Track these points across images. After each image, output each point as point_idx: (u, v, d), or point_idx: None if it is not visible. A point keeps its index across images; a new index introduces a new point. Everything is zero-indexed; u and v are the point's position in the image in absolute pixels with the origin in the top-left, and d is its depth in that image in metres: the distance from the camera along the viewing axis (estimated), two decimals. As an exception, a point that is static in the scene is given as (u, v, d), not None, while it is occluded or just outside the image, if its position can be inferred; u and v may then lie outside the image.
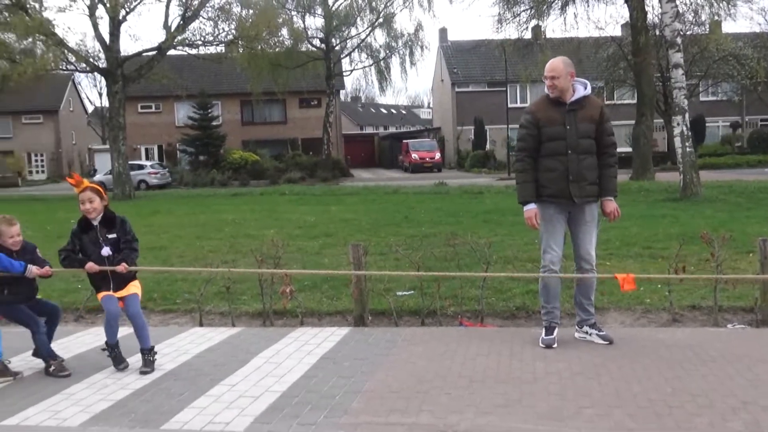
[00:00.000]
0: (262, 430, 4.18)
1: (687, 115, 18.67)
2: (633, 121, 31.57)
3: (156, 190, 37.99)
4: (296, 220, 16.69)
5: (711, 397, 4.43)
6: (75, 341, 6.53)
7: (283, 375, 5.21)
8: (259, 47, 35.38)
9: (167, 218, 18.75)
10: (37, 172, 60.19)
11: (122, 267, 5.53)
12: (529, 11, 32.57)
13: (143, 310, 7.67)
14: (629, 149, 34.87)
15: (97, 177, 41.86)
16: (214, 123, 46.56)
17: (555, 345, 5.72)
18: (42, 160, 60.68)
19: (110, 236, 5.61)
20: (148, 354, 5.53)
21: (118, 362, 5.54)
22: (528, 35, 34.89)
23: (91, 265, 5.50)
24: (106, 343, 5.57)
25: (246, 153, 45.70)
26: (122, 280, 5.60)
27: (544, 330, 5.86)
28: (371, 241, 11.32)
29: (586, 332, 5.91)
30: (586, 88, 5.70)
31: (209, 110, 45.89)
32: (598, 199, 5.83)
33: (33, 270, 5.48)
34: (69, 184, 5.77)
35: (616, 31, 38.03)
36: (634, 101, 32.88)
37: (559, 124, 5.64)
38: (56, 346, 6.20)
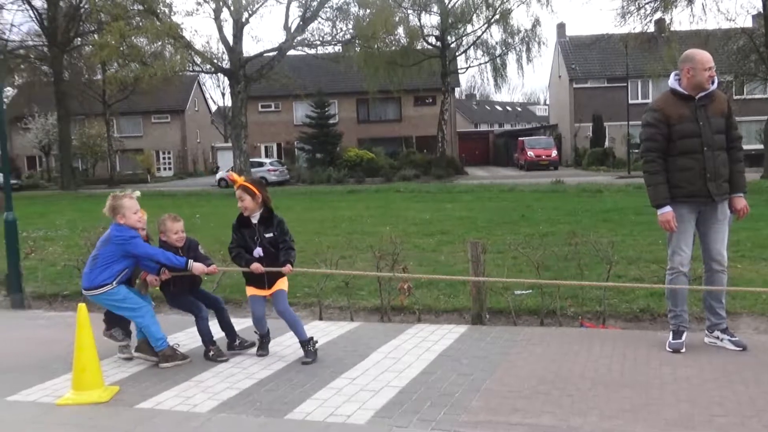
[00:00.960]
0: (382, 424, 4.22)
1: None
2: (765, 117, 29.89)
3: (275, 187, 39.04)
4: (411, 217, 16.77)
5: None
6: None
7: (402, 371, 5.24)
8: (376, 46, 35.82)
9: (286, 214, 19.08)
10: (165, 169, 63.20)
11: (288, 269, 5.61)
12: (653, 3, 31.38)
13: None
14: (761, 146, 33.05)
15: (220, 174, 43.54)
16: (331, 121, 47.40)
17: (683, 350, 5.49)
18: (169, 158, 63.69)
19: (267, 235, 5.64)
20: (307, 345, 5.62)
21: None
22: (651, 29, 33.64)
23: (257, 266, 5.55)
24: (257, 333, 5.88)
25: (361, 151, 46.30)
26: (274, 278, 5.66)
27: (671, 334, 5.63)
28: (488, 239, 11.20)
29: (717, 337, 5.63)
30: (714, 83, 5.46)
31: (326, 109, 46.76)
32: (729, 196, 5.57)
33: (199, 267, 5.64)
34: (229, 180, 5.91)
35: (747, 22, 36.11)
36: (766, 95, 31.13)
37: (690, 121, 5.40)
38: (183, 335, 6.50)
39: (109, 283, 5.47)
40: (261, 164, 42.76)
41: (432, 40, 45.56)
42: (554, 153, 49.96)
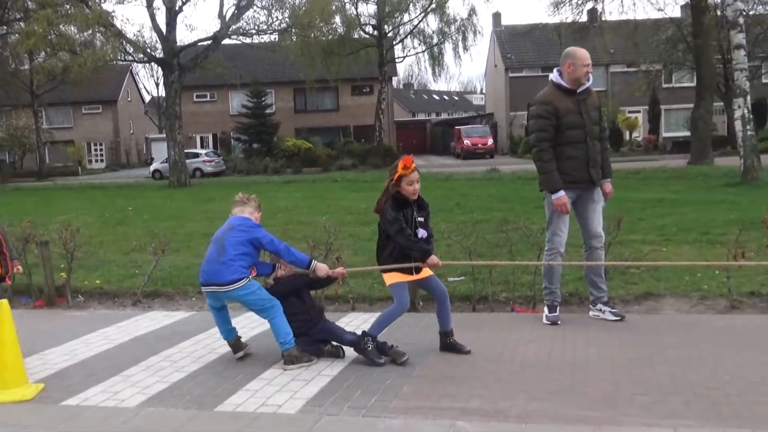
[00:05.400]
0: (313, 412, 4.22)
1: (748, 98, 18.13)
2: (692, 105, 30.77)
3: (211, 178, 38.57)
4: (348, 206, 16.75)
5: (771, 386, 4.32)
6: (133, 324, 6.68)
7: (334, 359, 5.25)
8: (312, 35, 35.54)
9: (222, 205, 18.96)
10: (97, 160, 61.64)
11: (434, 260, 5.21)
12: (586, -8, 31.94)
13: (199, 296, 7.85)
14: (688, 133, 34.04)
15: (154, 165, 42.75)
16: (268, 111, 47.00)
17: (559, 322, 5.94)
18: (101, 149, 62.13)
19: (420, 219, 5.28)
20: (452, 336, 5.39)
21: (376, 356, 5.11)
22: (584, 18, 34.26)
23: (436, 261, 5.19)
24: (366, 334, 5.18)
25: (299, 141, 46.04)
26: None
27: (547, 308, 6.09)
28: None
29: (600, 310, 6.10)
30: (589, 79, 5.97)
31: (263, 99, 46.32)
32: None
33: (322, 268, 5.37)
34: (402, 164, 5.24)
35: (675, 12, 37.20)
36: (693, 84, 32.04)
37: (575, 113, 5.89)
38: (113, 329, 6.39)
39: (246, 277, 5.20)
40: (196, 155, 42.16)
41: (369, 29, 45.48)
42: (490, 141, 50.53)
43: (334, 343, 5.39)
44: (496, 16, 58.23)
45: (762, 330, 5.58)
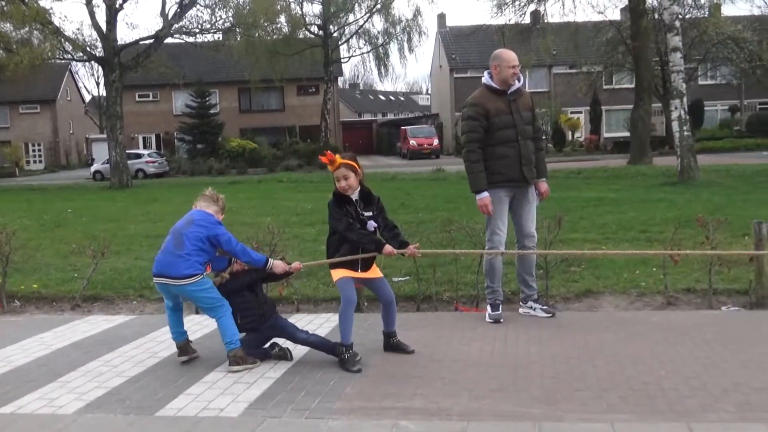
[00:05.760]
0: (255, 415, 4.19)
1: (685, 99, 18.65)
2: (631, 106, 31.46)
3: (153, 179, 37.95)
4: (293, 207, 16.69)
5: (704, 380, 4.44)
6: (71, 329, 6.53)
7: (278, 362, 5.21)
8: (257, 34, 35.31)
9: (165, 207, 18.76)
10: (35, 161, 60.08)
11: (412, 249, 5.31)
12: (528, -5, 32.38)
13: (140, 299, 7.73)
14: (628, 134, 34.78)
15: (95, 166, 41.90)
16: (212, 111, 46.46)
17: (502, 320, 6.02)
18: (39, 150, 60.56)
19: (367, 213, 5.20)
20: (395, 336, 5.38)
21: (353, 364, 4.94)
22: (527, 20, 34.75)
23: (391, 249, 5.16)
24: (348, 345, 5.01)
25: (244, 141, 45.62)
26: (371, 259, 5.26)
27: (489, 307, 6.16)
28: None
29: (531, 307, 6.23)
30: (520, 80, 6.10)
31: (207, 98, 45.79)
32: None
33: (280, 265, 5.35)
34: (322, 161, 5.30)
35: (615, 15, 37.97)
36: (633, 85, 32.76)
37: (506, 114, 5.99)
38: (51, 335, 6.24)
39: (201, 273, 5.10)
40: (139, 156, 41.47)
41: (314, 29, 45.42)
42: (436, 142, 50.88)
43: (282, 345, 5.34)
44: (441, 18, 58.65)
45: (696, 325, 5.73)
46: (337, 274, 5.16)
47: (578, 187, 18.81)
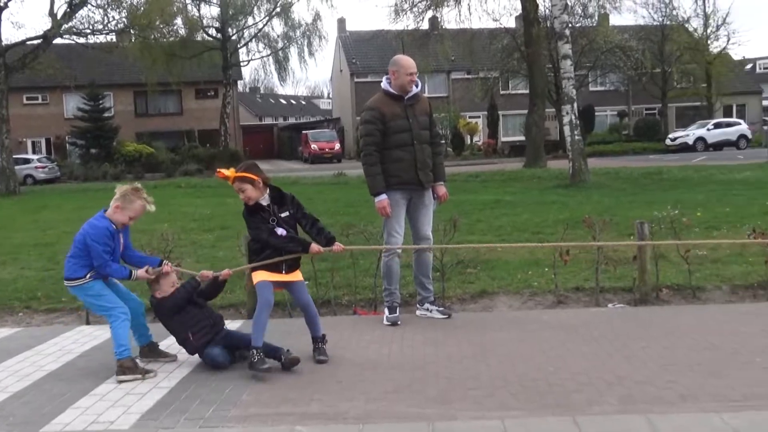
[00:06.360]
0: (147, 427, 4.09)
1: (576, 105, 19.36)
2: (527, 111, 32.37)
3: (44, 185, 36.39)
4: (192, 213, 16.35)
5: (590, 375, 4.63)
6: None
7: (172, 371, 5.11)
8: (153, 36, 34.41)
9: (55, 214, 18.03)
10: None
11: (339, 246, 5.36)
12: (425, 1, 32.84)
13: (26, 310, 7.42)
14: (523, 138, 35.77)
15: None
16: (106, 115, 44.92)
17: (399, 322, 6.10)
18: None
19: (283, 215, 5.20)
20: (321, 342, 5.27)
21: (261, 363, 4.88)
22: (425, 26, 35.23)
23: (318, 248, 5.24)
24: (258, 348, 4.92)
25: (140, 145, 44.34)
26: (294, 262, 5.24)
27: (387, 310, 6.22)
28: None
29: (427, 309, 6.34)
30: (418, 86, 6.22)
31: (100, 101, 44.26)
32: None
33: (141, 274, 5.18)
34: (220, 177, 5.29)
35: (511, 23, 38.92)
36: (528, 91, 33.74)
37: (402, 118, 6.10)
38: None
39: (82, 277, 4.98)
40: (27, 161, 39.64)
41: (212, 31, 44.69)
42: (337, 146, 50.92)
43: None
44: (341, 22, 58.79)
45: (584, 323, 5.97)
46: (258, 276, 5.15)
47: (476, 190, 19.22)
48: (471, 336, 5.69)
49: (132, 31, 33.53)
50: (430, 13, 33.81)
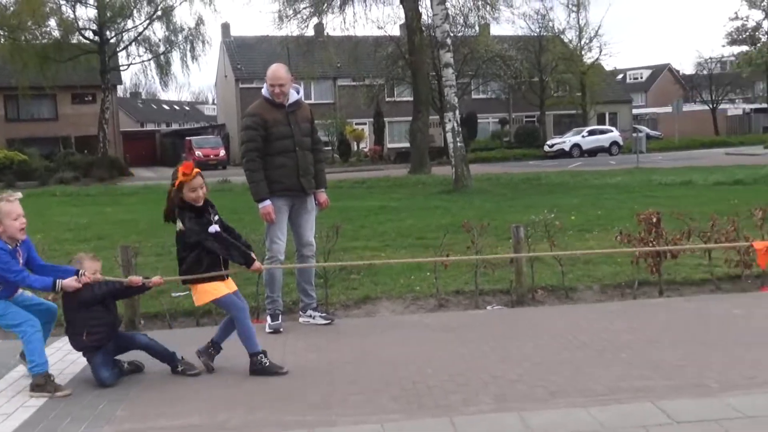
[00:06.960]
0: (12, 449, 3.90)
1: (458, 112, 19.83)
2: (411, 118, 32.88)
3: None
4: (67, 222, 15.66)
5: (467, 375, 4.75)
6: None
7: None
8: (24, 38, 32.89)
9: None
10: None
11: (258, 266, 5.32)
12: (309, 8, 32.85)
13: None
14: (409, 144, 36.29)
15: None
16: (-27, 120, 42.56)
17: (282, 330, 6.11)
18: None
19: (215, 218, 5.14)
20: (213, 348, 5.22)
21: (277, 367, 4.98)
22: (310, 32, 35.23)
23: (259, 265, 5.27)
24: (259, 353, 4.99)
25: (11, 152, 42.05)
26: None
27: (269, 317, 6.22)
28: (148, 242, 10.90)
29: (310, 315, 6.38)
30: (299, 93, 6.35)
31: (-34, 106, 41.87)
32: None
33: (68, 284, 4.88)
34: (182, 173, 4.98)
35: (395, 31, 39.44)
36: (413, 98, 34.29)
37: (284, 125, 6.14)
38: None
39: None
40: None
41: (89, 34, 42.98)
42: (222, 152, 50.19)
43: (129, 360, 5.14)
44: (225, 27, 57.89)
45: (463, 325, 6.13)
46: (214, 294, 5.05)
47: (362, 197, 19.36)
48: (353, 341, 5.73)
49: (1, 32, 31.90)
50: (314, 20, 33.83)
